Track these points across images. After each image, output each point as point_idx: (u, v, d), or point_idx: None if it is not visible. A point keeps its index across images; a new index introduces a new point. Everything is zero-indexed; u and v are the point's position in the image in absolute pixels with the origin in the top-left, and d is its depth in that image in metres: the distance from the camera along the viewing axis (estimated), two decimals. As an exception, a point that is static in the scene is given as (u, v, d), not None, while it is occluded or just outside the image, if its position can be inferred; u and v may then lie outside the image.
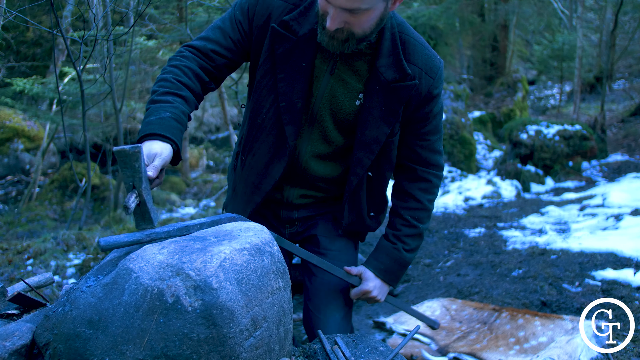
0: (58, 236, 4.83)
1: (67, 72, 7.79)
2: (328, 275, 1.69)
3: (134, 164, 1.11)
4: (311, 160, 1.58)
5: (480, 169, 7.99)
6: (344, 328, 1.71)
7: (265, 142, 1.55)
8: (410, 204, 1.64)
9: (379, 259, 1.65)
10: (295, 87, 1.46)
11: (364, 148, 1.50)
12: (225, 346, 1.01)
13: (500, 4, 13.00)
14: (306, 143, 1.56)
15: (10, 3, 7.75)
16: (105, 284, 1.06)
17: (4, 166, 10.16)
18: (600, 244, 3.57)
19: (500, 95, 11.91)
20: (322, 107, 1.51)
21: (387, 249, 1.64)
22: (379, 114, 1.47)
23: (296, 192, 1.65)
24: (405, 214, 1.63)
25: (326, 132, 1.54)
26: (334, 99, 1.50)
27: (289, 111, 1.48)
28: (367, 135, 1.49)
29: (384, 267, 1.64)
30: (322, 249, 1.70)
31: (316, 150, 1.57)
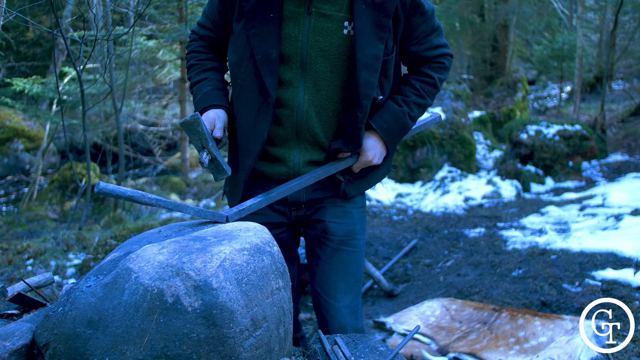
0: (58, 236, 4.82)
1: (67, 72, 7.78)
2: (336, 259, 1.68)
3: (197, 129, 1.34)
4: (311, 110, 1.56)
5: (480, 169, 7.99)
6: (354, 310, 1.71)
7: (247, 100, 1.55)
8: (422, 77, 1.65)
9: (384, 117, 1.62)
10: (267, 37, 1.48)
11: (367, 68, 1.49)
12: (225, 346, 1.01)
13: (500, 4, 13.00)
14: (302, 93, 1.54)
15: (10, 3, 7.76)
16: (105, 284, 1.06)
17: (4, 166, 10.16)
18: (600, 244, 3.57)
19: (500, 95, 11.91)
20: (310, 49, 1.50)
21: (394, 110, 1.62)
22: (371, 32, 1.48)
23: (302, 159, 1.61)
24: (415, 83, 1.65)
25: (320, 75, 1.53)
26: (319, 37, 1.50)
27: (265, 63, 1.48)
28: (367, 54, 1.48)
29: (387, 126, 1.61)
30: (328, 234, 1.69)
31: (314, 100, 1.55)
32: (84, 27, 4.33)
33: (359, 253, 1.74)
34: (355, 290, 1.73)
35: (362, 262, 1.76)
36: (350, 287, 1.71)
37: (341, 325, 1.68)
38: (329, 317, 1.70)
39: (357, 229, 1.72)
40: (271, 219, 1.68)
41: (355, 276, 1.72)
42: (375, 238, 4.60)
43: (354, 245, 1.72)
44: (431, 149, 7.56)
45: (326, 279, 1.70)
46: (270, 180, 1.65)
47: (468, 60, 16.54)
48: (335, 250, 1.69)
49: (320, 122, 1.58)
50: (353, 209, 1.71)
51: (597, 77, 13.79)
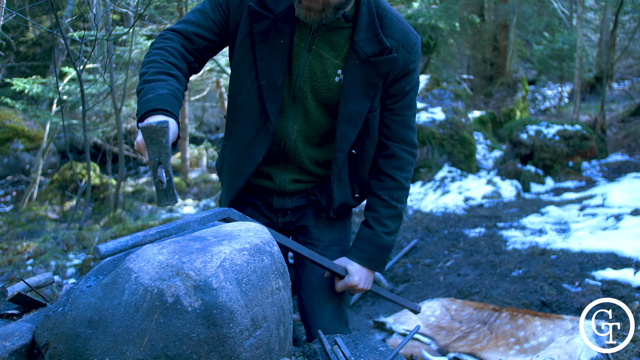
0: (58, 236, 4.82)
1: (67, 72, 7.78)
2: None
3: (160, 139, 1.11)
4: (299, 140, 1.57)
5: (480, 169, 7.99)
6: (338, 316, 1.71)
7: (246, 123, 1.55)
8: (387, 183, 1.63)
9: (361, 247, 1.64)
10: (275, 64, 1.47)
11: (347, 122, 1.50)
12: (225, 346, 1.01)
13: (500, 4, 13.00)
14: (292, 123, 1.55)
15: (10, 3, 7.75)
16: (105, 284, 1.06)
17: (4, 166, 10.16)
18: (600, 244, 3.57)
19: (500, 95, 11.90)
20: (303, 84, 1.51)
21: (368, 237, 1.64)
22: (360, 88, 1.48)
23: (287, 178, 1.64)
24: (382, 195, 1.63)
25: (309, 110, 1.54)
26: (313, 76, 1.50)
27: (270, 89, 1.48)
28: (350, 109, 1.48)
29: (367, 255, 1.63)
30: (313, 240, 1.71)
31: (302, 130, 1.56)
32: (84, 27, 4.33)
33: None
34: (339, 296, 1.73)
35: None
36: (334, 293, 1.71)
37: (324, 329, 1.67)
38: (311, 321, 1.71)
39: (341, 236, 1.75)
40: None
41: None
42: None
43: (338, 251, 1.73)
44: (431, 149, 7.56)
45: (309, 283, 1.71)
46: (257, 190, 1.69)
47: (468, 60, 16.54)
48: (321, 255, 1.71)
49: (306, 151, 1.60)
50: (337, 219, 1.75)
51: (597, 77, 13.79)
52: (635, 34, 11.90)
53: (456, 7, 11.05)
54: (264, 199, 1.71)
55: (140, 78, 1.38)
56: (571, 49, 12.23)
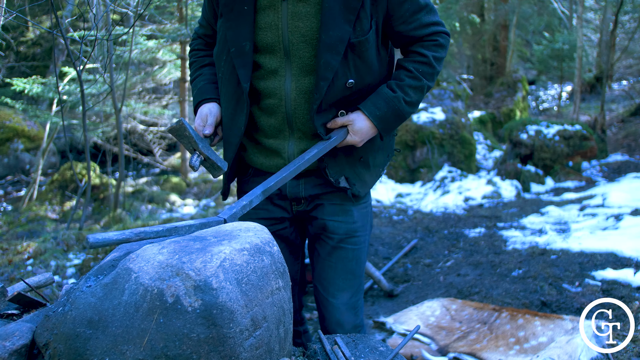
0: (58, 236, 4.83)
1: (67, 72, 7.78)
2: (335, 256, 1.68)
3: (185, 134, 1.37)
4: (300, 97, 1.53)
5: (480, 169, 7.99)
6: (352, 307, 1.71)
7: (226, 94, 1.56)
8: (415, 57, 1.56)
9: (377, 104, 1.55)
10: (241, 31, 1.49)
11: (329, 49, 1.44)
12: (225, 346, 1.01)
13: (500, 4, 13.00)
14: (289, 81, 1.52)
15: (10, 3, 7.76)
16: (105, 284, 1.06)
17: (4, 166, 10.17)
18: (600, 244, 3.57)
19: (500, 95, 11.91)
20: (291, 37, 1.48)
21: (387, 96, 1.54)
22: (339, 12, 1.43)
23: (297, 149, 1.59)
24: (409, 66, 1.56)
25: (305, 61, 1.50)
26: (299, 23, 1.47)
27: (239, 55, 1.49)
28: (331, 35, 1.44)
29: (380, 113, 1.54)
30: (328, 233, 1.68)
31: (301, 86, 1.52)
32: (84, 27, 4.33)
33: (359, 250, 1.72)
34: (354, 287, 1.72)
35: (363, 259, 1.75)
36: (348, 284, 1.71)
37: (338, 322, 1.69)
38: (326, 313, 1.72)
39: (358, 227, 1.70)
40: (273, 214, 1.69)
41: (355, 273, 1.71)
42: (375, 238, 4.60)
43: (354, 242, 1.70)
44: (431, 149, 7.56)
45: (325, 275, 1.71)
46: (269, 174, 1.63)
47: (468, 60, 16.54)
48: (335, 248, 1.69)
49: (311, 108, 1.53)
50: (352, 207, 1.68)
51: (597, 77, 13.79)
52: (635, 34, 11.90)
53: (456, 7, 11.05)
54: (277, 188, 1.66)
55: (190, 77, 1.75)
56: (571, 49, 12.24)
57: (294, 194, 1.66)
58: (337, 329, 1.69)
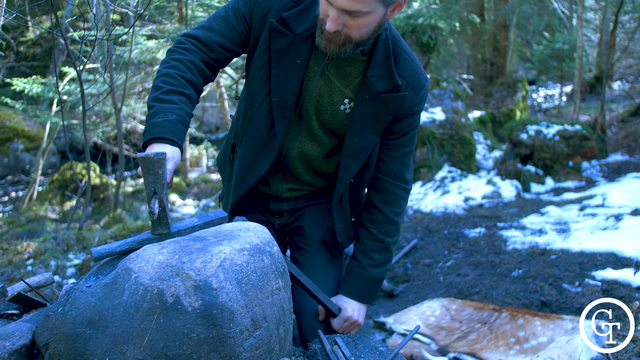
0: (58, 236, 4.83)
1: (67, 72, 7.78)
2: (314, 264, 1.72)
3: (157, 170, 1.13)
4: (297, 158, 1.61)
5: (480, 169, 7.98)
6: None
7: (254, 135, 1.57)
8: (376, 216, 1.65)
9: (349, 281, 1.68)
10: (289, 83, 1.47)
11: (352, 155, 1.52)
12: (225, 346, 1.01)
13: (500, 4, 13.00)
14: (294, 140, 1.58)
15: (10, 3, 7.75)
16: (105, 284, 1.06)
17: (4, 166, 10.16)
18: (600, 244, 3.57)
19: (500, 95, 11.90)
20: (309, 106, 1.53)
21: (354, 270, 1.67)
22: (369, 122, 1.49)
23: (284, 187, 1.69)
24: (371, 227, 1.66)
25: (313, 130, 1.56)
26: (320, 100, 1.52)
27: (280, 107, 1.49)
28: (356, 142, 1.50)
29: (354, 288, 1.66)
30: (307, 240, 1.73)
31: (303, 149, 1.59)
32: (84, 27, 4.33)
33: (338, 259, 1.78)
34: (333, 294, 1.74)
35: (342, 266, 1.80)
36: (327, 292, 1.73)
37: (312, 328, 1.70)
38: (301, 319, 1.73)
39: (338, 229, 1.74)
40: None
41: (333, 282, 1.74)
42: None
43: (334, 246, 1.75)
44: (431, 149, 7.56)
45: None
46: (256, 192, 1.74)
47: (468, 60, 16.54)
48: (314, 255, 1.72)
49: (305, 168, 1.64)
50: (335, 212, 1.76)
51: (597, 77, 13.79)
52: (635, 34, 11.89)
53: (456, 7, 11.04)
54: (262, 200, 1.75)
55: (153, 92, 1.36)
56: (571, 49, 12.23)
57: (277, 207, 1.74)
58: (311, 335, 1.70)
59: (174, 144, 1.28)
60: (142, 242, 1.18)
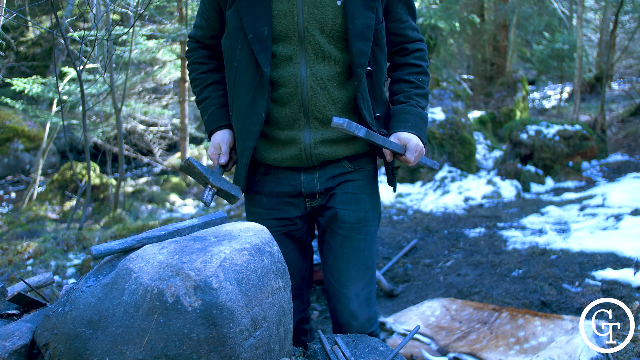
0: (58, 236, 4.83)
1: (67, 72, 7.78)
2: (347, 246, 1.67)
3: (194, 171, 1.46)
4: (316, 83, 1.53)
5: (480, 169, 7.98)
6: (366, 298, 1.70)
7: (244, 82, 1.55)
8: (411, 69, 1.67)
9: (403, 119, 1.60)
10: (258, 16, 1.49)
11: (359, 37, 1.51)
12: (225, 346, 1.01)
13: (500, 4, 13.00)
14: (304, 68, 1.52)
15: (10, 3, 7.75)
16: (105, 284, 1.06)
17: (4, 166, 10.16)
18: (600, 244, 3.57)
19: (500, 95, 11.90)
20: (306, 23, 1.50)
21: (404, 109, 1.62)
22: (361, 2, 1.51)
23: (313, 139, 1.57)
24: (410, 77, 1.65)
25: (320, 47, 1.51)
26: (315, 10, 1.49)
27: (257, 40, 1.49)
28: (358, 24, 1.50)
29: (410, 124, 1.59)
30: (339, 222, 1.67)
31: (317, 72, 1.52)
32: (84, 27, 4.33)
33: (370, 240, 1.71)
34: (366, 277, 1.70)
35: (374, 249, 1.73)
36: (361, 274, 1.69)
37: (352, 314, 1.66)
38: (339, 305, 1.69)
39: (369, 216, 1.69)
40: (286, 214, 1.66)
41: (366, 264, 1.70)
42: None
43: (365, 232, 1.69)
44: (431, 149, 7.56)
45: (337, 267, 1.69)
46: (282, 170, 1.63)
47: (468, 60, 16.53)
48: (346, 238, 1.67)
49: (327, 95, 1.54)
50: (365, 195, 1.68)
51: (597, 77, 13.79)
52: (635, 34, 11.90)
53: (456, 7, 11.04)
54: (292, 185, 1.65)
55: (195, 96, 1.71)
56: (571, 49, 12.24)
57: (310, 189, 1.64)
58: (351, 321, 1.67)
59: (220, 128, 1.64)
60: (142, 241, 1.18)
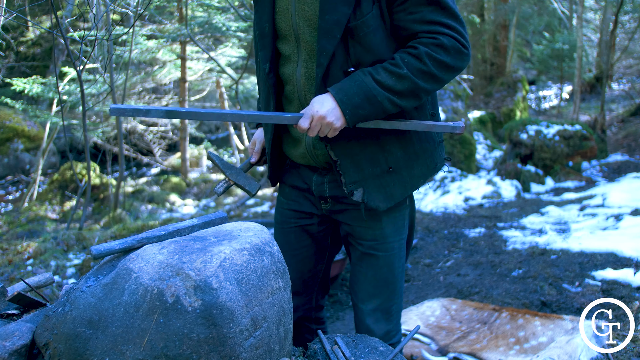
0: (58, 236, 4.83)
1: (67, 72, 7.78)
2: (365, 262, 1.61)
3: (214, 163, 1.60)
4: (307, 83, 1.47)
5: (480, 169, 7.98)
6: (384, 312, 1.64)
7: (259, 80, 1.61)
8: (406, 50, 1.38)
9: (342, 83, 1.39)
10: (263, 13, 1.51)
11: (326, 34, 1.37)
12: (225, 346, 1.01)
13: (500, 4, 13.00)
14: (300, 67, 1.48)
15: (10, 3, 7.75)
16: (105, 284, 1.06)
17: (4, 166, 10.16)
18: (600, 244, 3.57)
19: (500, 95, 11.90)
20: (299, 20, 1.44)
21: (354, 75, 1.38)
22: None
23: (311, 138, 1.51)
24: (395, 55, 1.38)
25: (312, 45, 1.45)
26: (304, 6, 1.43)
27: (261, 37, 1.52)
28: (328, 20, 1.36)
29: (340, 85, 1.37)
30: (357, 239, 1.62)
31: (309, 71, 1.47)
32: (84, 27, 4.33)
33: (392, 257, 1.60)
34: (385, 293, 1.63)
35: (397, 264, 1.63)
36: (379, 290, 1.63)
37: (368, 328, 1.64)
38: (357, 319, 1.69)
39: (388, 233, 1.58)
40: (303, 208, 1.68)
41: (386, 279, 1.62)
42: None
43: (385, 249, 1.59)
44: (431, 149, 7.55)
45: (356, 280, 1.67)
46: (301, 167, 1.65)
47: (468, 60, 16.49)
48: (364, 254, 1.62)
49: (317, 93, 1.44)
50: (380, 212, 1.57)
51: (597, 77, 13.79)
52: (635, 34, 11.90)
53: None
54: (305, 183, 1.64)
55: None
56: (571, 49, 12.24)
57: (319, 191, 1.60)
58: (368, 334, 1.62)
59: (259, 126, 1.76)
60: (142, 241, 1.18)
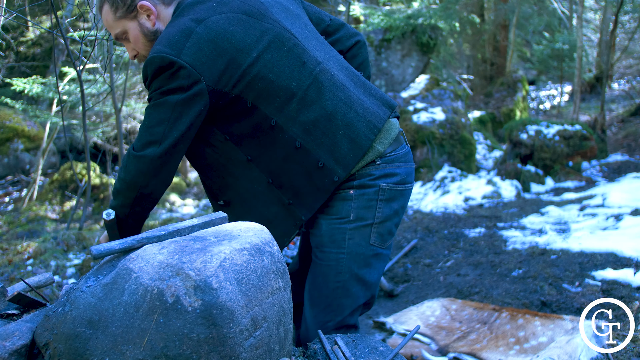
0: (58, 236, 4.83)
1: (67, 72, 7.78)
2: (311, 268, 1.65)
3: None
4: None
5: (480, 169, 7.98)
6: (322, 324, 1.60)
7: None
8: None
9: None
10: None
11: None
12: (225, 346, 1.01)
13: (500, 4, 13.00)
14: None
15: (10, 3, 7.75)
16: (105, 284, 1.06)
17: (4, 166, 10.16)
18: (600, 244, 3.57)
19: (500, 95, 11.90)
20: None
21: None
22: None
23: None
24: None
25: None
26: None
27: None
28: None
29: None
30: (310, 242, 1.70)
31: None
32: (84, 27, 4.33)
33: (327, 268, 1.58)
34: (320, 305, 1.60)
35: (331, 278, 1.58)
36: (313, 300, 1.62)
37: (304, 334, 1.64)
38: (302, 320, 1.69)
39: (324, 241, 1.58)
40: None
41: (321, 290, 1.60)
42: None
43: (321, 258, 1.60)
44: (431, 149, 7.56)
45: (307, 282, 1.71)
46: None
47: (468, 60, 16.53)
48: (313, 261, 1.67)
49: None
50: (322, 220, 1.59)
51: (597, 77, 13.79)
52: (635, 34, 11.90)
53: (456, 7, 11.04)
54: None
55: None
56: (571, 49, 12.24)
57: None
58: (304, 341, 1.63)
59: None
60: (142, 241, 1.18)
